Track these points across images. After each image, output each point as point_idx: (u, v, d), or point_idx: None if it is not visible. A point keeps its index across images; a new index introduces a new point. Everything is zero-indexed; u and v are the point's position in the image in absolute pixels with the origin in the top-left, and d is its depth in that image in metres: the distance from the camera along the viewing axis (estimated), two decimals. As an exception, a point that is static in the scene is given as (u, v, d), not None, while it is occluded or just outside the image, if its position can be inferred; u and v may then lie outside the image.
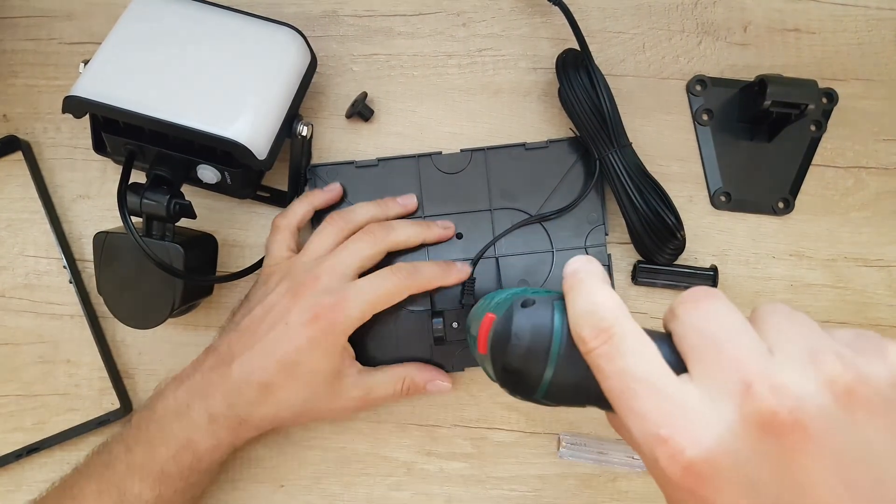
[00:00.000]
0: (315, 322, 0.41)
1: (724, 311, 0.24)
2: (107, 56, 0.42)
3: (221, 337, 0.44)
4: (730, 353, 0.22)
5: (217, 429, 0.41)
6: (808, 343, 0.22)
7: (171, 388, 0.42)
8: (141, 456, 0.41)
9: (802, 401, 0.20)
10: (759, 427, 0.21)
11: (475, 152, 0.49)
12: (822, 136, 0.51)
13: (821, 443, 0.20)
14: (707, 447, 0.21)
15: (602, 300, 0.26)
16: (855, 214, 0.51)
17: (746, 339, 0.23)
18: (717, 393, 0.22)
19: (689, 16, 0.52)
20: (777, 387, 0.21)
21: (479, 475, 0.49)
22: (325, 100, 0.51)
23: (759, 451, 0.21)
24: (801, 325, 0.23)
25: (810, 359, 0.21)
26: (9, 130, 0.50)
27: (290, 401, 0.42)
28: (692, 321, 0.24)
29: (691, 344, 0.24)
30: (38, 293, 0.49)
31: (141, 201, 0.41)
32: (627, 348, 0.24)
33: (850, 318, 0.50)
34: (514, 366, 0.27)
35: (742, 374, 0.22)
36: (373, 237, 0.44)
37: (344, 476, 0.49)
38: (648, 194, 0.46)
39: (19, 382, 0.49)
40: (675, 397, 0.22)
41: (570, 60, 0.47)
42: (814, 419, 0.20)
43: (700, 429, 0.22)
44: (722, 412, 0.21)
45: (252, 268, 0.47)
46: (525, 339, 0.27)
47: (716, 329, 0.24)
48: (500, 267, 0.48)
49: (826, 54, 0.52)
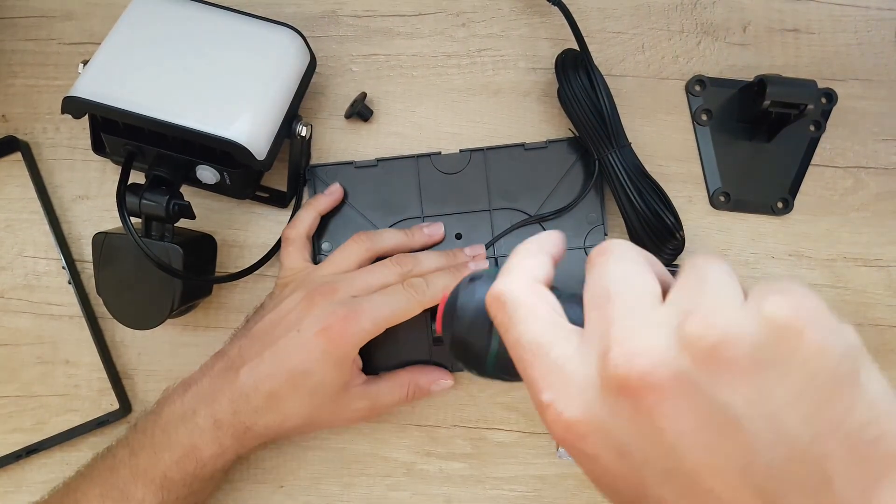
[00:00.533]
0: (327, 332, 0.40)
1: (622, 262, 0.24)
2: (106, 56, 0.42)
3: (232, 342, 0.44)
4: (606, 311, 0.22)
5: (221, 435, 0.41)
6: (691, 300, 0.21)
7: (179, 392, 0.42)
8: (145, 461, 0.40)
9: (656, 365, 0.20)
10: (616, 391, 0.21)
11: (474, 153, 0.49)
12: (822, 136, 0.51)
13: (678, 404, 0.20)
14: (580, 410, 0.22)
15: (508, 270, 0.26)
16: (854, 214, 0.51)
17: (629, 296, 0.22)
18: (589, 354, 0.22)
19: (688, 16, 0.52)
20: (630, 351, 0.20)
21: (478, 475, 0.49)
22: (325, 100, 0.51)
23: (621, 414, 0.21)
24: (702, 279, 0.21)
25: (682, 318, 0.20)
26: (8, 131, 0.50)
27: (296, 411, 0.42)
28: (595, 273, 0.24)
29: (587, 297, 0.24)
30: (37, 294, 0.49)
31: (140, 202, 0.41)
32: (518, 316, 0.24)
33: (850, 318, 0.49)
34: (460, 338, 0.28)
35: (606, 335, 0.21)
36: (400, 269, 0.44)
37: (343, 476, 0.49)
38: (647, 194, 0.46)
39: (19, 383, 0.49)
40: (558, 361, 0.23)
41: (569, 61, 0.47)
42: (668, 381, 0.20)
43: (574, 392, 0.22)
44: (590, 374, 0.22)
45: (252, 268, 0.47)
46: (469, 310, 0.28)
47: (609, 283, 0.23)
48: (500, 267, 0.48)
49: (825, 54, 0.52)
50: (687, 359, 0.19)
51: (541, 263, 0.26)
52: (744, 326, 0.19)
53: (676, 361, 0.20)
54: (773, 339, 0.19)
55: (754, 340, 0.19)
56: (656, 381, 0.20)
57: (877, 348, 0.50)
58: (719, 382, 0.19)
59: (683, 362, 0.20)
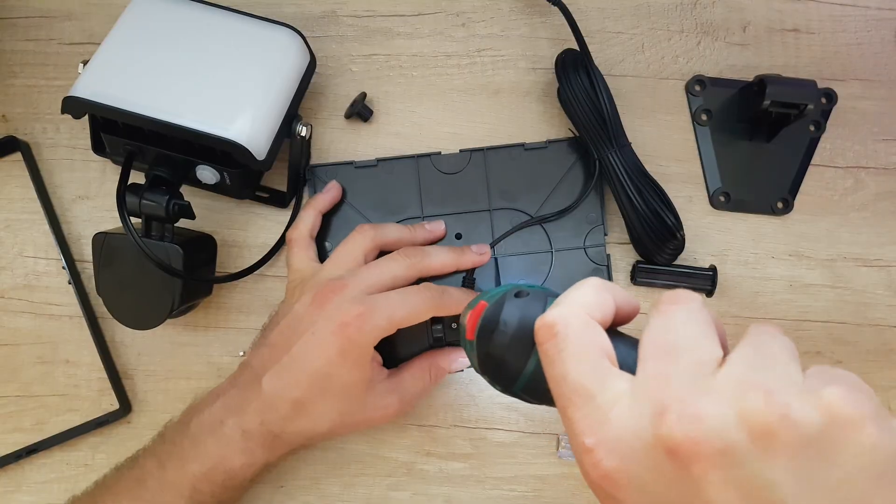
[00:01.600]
0: (343, 330, 0.40)
1: (690, 320, 0.23)
2: (106, 56, 0.42)
3: (253, 352, 0.43)
4: (667, 366, 0.22)
5: (251, 445, 0.40)
6: (752, 373, 0.21)
7: (207, 402, 0.42)
8: (173, 473, 0.40)
9: (713, 434, 0.20)
10: (667, 451, 0.21)
11: (474, 152, 0.49)
12: (822, 136, 0.51)
13: (727, 475, 0.20)
14: (622, 460, 0.22)
15: (567, 299, 0.25)
16: (854, 215, 0.51)
17: (693, 356, 0.22)
18: (642, 408, 0.22)
19: (688, 16, 0.52)
20: (688, 416, 0.20)
21: (478, 475, 0.49)
22: (325, 100, 0.51)
23: (667, 474, 0.21)
24: (762, 353, 0.22)
25: (742, 391, 0.20)
26: (8, 131, 0.50)
27: (326, 415, 0.41)
28: (656, 324, 0.24)
29: (645, 348, 0.23)
30: (37, 294, 0.49)
31: (140, 202, 0.41)
32: (568, 352, 0.24)
33: (850, 318, 0.50)
34: (497, 353, 0.27)
35: (664, 395, 0.21)
36: (408, 260, 0.43)
37: (343, 476, 0.49)
38: (648, 194, 0.46)
39: (19, 383, 0.49)
40: (603, 407, 0.23)
41: (569, 60, 0.47)
42: (721, 452, 0.20)
43: (617, 441, 0.22)
44: (641, 428, 0.22)
45: (252, 268, 0.47)
46: (511, 327, 0.27)
47: (671, 339, 0.23)
48: (500, 267, 0.48)
49: (825, 54, 0.52)
50: (744, 433, 0.20)
51: (603, 302, 0.26)
52: (804, 411, 0.20)
53: (733, 434, 0.20)
54: (831, 427, 0.19)
55: (813, 426, 0.19)
56: (710, 451, 0.20)
57: (877, 348, 0.50)
58: (771, 461, 0.20)
59: (740, 436, 0.20)
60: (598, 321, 0.25)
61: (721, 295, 0.49)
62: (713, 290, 0.48)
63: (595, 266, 0.49)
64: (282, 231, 0.49)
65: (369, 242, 0.45)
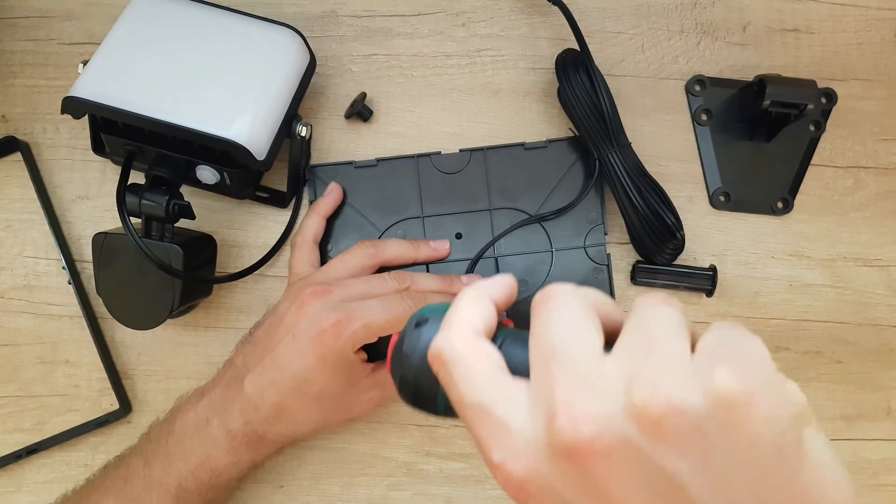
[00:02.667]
0: (321, 337, 0.40)
1: (563, 316, 0.23)
2: (106, 57, 0.42)
3: (238, 349, 0.44)
4: (550, 368, 0.21)
5: (236, 445, 0.41)
6: (636, 361, 0.21)
7: (192, 401, 0.42)
8: (159, 471, 0.40)
9: (602, 431, 0.20)
10: (563, 455, 0.20)
11: (474, 152, 0.49)
12: (822, 136, 0.51)
13: (624, 469, 0.20)
14: (529, 469, 0.22)
15: (447, 322, 0.25)
16: (854, 214, 0.51)
17: (571, 353, 0.22)
18: (536, 412, 0.22)
19: (688, 16, 0.52)
20: (576, 417, 0.20)
21: (478, 475, 0.49)
22: (325, 100, 0.51)
23: (569, 476, 0.21)
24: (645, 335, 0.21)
25: (626, 382, 0.20)
26: (8, 131, 0.50)
27: (306, 418, 0.42)
28: (535, 326, 0.23)
29: (532, 348, 0.23)
30: (37, 294, 0.49)
31: (140, 202, 0.41)
32: (458, 374, 0.23)
33: (849, 318, 0.50)
34: (410, 382, 0.27)
35: (551, 399, 0.21)
36: (397, 285, 0.44)
37: (343, 476, 0.49)
38: (648, 194, 0.46)
39: (18, 383, 0.49)
40: (502, 420, 0.22)
41: (569, 60, 0.47)
42: (614, 447, 0.20)
43: (522, 451, 0.22)
44: (538, 434, 0.21)
45: (252, 268, 0.47)
46: (415, 359, 0.27)
47: (551, 336, 0.22)
48: (500, 267, 0.48)
49: (825, 54, 0.52)
50: (633, 426, 0.20)
51: (480, 311, 0.25)
52: (691, 398, 0.19)
53: (622, 428, 0.20)
54: (720, 411, 0.19)
55: (701, 412, 0.19)
56: (602, 448, 0.20)
57: (877, 348, 0.50)
58: (665, 450, 0.19)
59: (629, 429, 0.20)
60: (483, 331, 0.24)
61: (721, 295, 0.49)
62: (713, 289, 0.48)
63: (595, 265, 0.49)
64: (282, 231, 0.49)
65: (367, 260, 0.45)
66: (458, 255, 0.48)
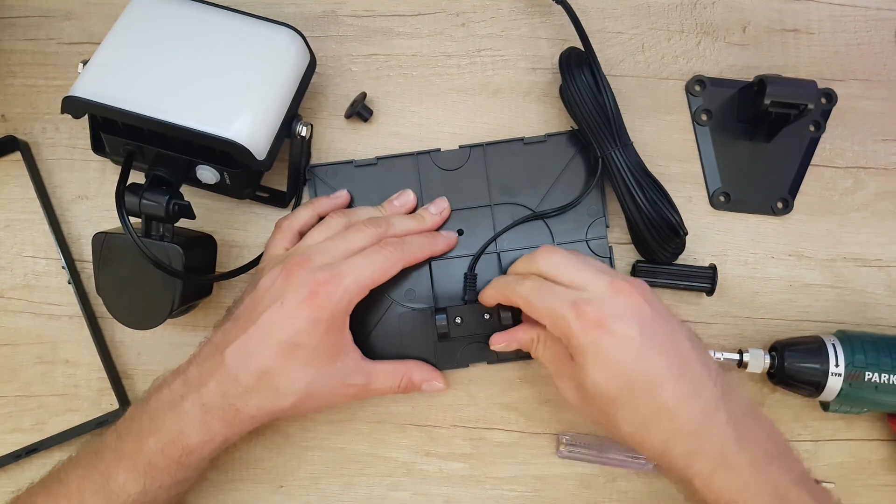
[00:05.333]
0: (313, 298, 0.40)
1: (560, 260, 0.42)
2: (105, 56, 0.42)
3: (216, 329, 0.43)
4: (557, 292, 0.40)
5: (210, 420, 0.40)
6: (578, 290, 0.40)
7: (168, 380, 0.42)
8: (130, 446, 0.40)
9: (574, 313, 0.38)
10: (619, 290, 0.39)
11: (474, 148, 0.49)
12: (821, 136, 0.51)
13: None
14: None
15: None
16: (854, 215, 0.51)
17: None
18: None
19: (688, 16, 0.52)
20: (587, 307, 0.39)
21: (478, 475, 0.49)
22: (325, 100, 0.51)
23: None
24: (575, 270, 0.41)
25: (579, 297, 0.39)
26: (7, 130, 0.50)
27: (290, 386, 0.41)
28: None
29: None
30: (36, 294, 0.49)
31: (140, 202, 0.41)
32: None
33: (849, 318, 0.50)
34: None
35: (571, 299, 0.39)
36: (374, 230, 0.44)
37: (343, 476, 0.49)
38: (651, 193, 0.46)
39: (18, 383, 0.49)
40: None
41: (574, 58, 0.47)
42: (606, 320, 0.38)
43: None
44: None
45: (250, 265, 0.47)
46: None
47: None
48: (502, 262, 0.48)
49: (825, 54, 0.52)
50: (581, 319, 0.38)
51: None
52: None
53: None
54: None
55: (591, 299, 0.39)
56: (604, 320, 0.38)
57: (876, 348, 0.50)
58: None
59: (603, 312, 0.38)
60: None
61: (721, 295, 0.49)
62: (713, 289, 0.48)
63: (597, 258, 0.49)
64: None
65: (338, 228, 0.45)
66: (461, 251, 0.48)
